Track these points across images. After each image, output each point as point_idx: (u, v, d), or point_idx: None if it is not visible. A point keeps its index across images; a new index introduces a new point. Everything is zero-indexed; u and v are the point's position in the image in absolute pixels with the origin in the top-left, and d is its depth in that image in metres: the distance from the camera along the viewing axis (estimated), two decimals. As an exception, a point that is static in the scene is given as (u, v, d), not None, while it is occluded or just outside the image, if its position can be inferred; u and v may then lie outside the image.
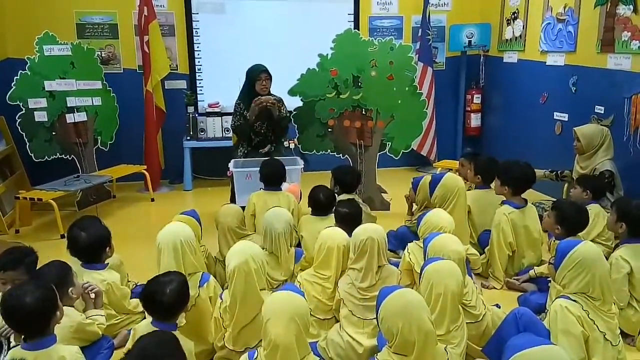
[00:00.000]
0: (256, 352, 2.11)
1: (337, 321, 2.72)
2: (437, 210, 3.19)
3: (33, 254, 2.71)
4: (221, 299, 2.59)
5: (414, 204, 4.09)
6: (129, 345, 2.39)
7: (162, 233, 2.79)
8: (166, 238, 2.75)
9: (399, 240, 3.80)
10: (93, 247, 2.84)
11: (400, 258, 3.15)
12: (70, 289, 2.46)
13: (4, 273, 2.57)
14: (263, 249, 2.85)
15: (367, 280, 2.64)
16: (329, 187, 3.88)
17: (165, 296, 2.26)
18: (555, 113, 5.20)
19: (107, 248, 2.91)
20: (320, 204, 3.58)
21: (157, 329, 2.23)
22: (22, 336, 2.11)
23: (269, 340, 2.00)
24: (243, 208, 3.72)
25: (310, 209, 3.64)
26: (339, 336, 2.60)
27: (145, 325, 2.32)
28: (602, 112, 4.51)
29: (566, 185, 4.45)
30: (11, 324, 2.11)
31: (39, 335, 2.07)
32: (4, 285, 2.54)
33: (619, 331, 2.48)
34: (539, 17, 5.43)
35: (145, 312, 2.41)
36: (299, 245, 3.64)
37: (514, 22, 5.93)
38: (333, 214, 3.42)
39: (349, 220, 3.13)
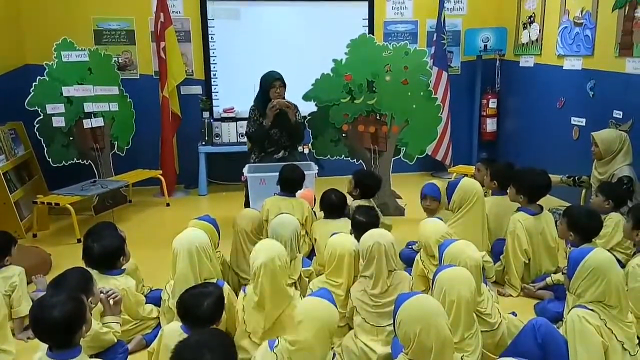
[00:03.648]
0: (277, 341, 2.16)
1: (351, 328, 2.70)
2: (429, 220, 3.24)
3: None
4: (244, 292, 2.62)
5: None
6: (154, 345, 2.40)
7: (178, 238, 2.84)
8: (182, 243, 2.80)
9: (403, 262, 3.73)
10: (106, 258, 2.86)
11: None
12: (90, 298, 2.45)
13: None
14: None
15: (378, 286, 2.63)
16: (345, 190, 3.89)
17: (201, 310, 2.28)
18: (572, 118, 5.14)
19: (121, 257, 2.92)
20: (331, 207, 3.61)
21: (185, 334, 2.24)
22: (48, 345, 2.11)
23: (295, 340, 2.10)
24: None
25: (322, 213, 3.65)
26: (353, 343, 2.59)
27: (174, 328, 2.34)
28: (621, 116, 4.45)
29: (584, 191, 4.39)
30: (37, 333, 2.11)
31: (63, 346, 2.07)
32: None
33: (637, 340, 2.43)
34: (555, 20, 5.38)
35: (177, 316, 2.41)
36: (313, 250, 3.65)
37: (530, 26, 5.88)
38: (345, 217, 3.42)
39: (366, 229, 3.12)
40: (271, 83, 4.44)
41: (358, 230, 3.10)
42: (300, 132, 4.61)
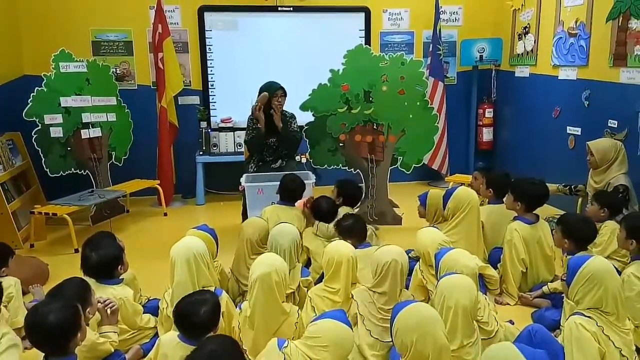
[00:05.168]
0: (287, 342, 2.16)
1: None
2: (426, 229, 3.31)
3: None
4: (239, 309, 2.61)
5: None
6: (151, 355, 2.40)
7: (175, 247, 2.84)
8: (180, 252, 2.79)
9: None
10: (104, 267, 2.85)
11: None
12: (88, 309, 2.45)
13: None
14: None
15: (390, 304, 2.61)
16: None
17: (198, 317, 2.28)
18: (568, 127, 5.18)
19: (119, 266, 2.91)
20: (322, 213, 3.67)
21: (182, 342, 2.26)
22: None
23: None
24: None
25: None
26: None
27: (171, 337, 2.34)
28: (615, 126, 4.48)
29: (580, 199, 4.42)
30: (32, 340, 2.11)
31: (58, 354, 2.07)
32: None
33: (634, 347, 2.44)
34: (550, 31, 5.43)
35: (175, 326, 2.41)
36: (310, 260, 3.65)
37: (525, 36, 5.93)
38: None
39: (352, 232, 3.26)
40: (274, 92, 4.48)
41: (345, 234, 3.28)
42: (291, 139, 4.61)
